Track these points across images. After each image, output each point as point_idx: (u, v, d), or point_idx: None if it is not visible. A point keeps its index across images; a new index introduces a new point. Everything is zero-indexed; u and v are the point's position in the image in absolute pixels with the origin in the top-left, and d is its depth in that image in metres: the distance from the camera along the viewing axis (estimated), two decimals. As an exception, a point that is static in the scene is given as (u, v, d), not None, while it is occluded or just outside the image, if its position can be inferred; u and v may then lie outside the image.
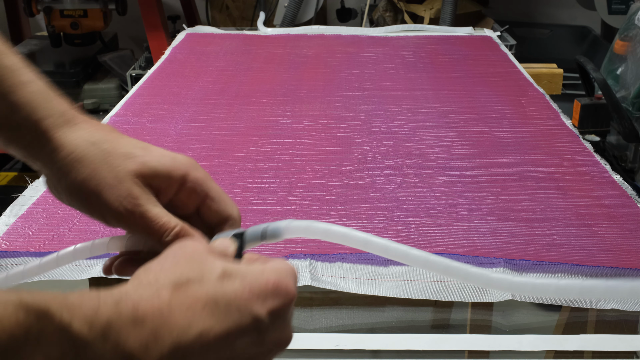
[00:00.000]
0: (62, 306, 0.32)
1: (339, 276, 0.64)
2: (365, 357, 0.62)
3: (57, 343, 0.30)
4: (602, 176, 0.85)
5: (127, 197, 0.45)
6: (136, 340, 0.34)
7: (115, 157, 0.46)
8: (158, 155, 0.47)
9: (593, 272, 0.64)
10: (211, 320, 0.37)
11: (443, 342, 0.59)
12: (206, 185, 0.49)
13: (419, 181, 0.84)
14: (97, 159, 0.46)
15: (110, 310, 0.34)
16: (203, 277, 0.38)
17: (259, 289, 0.39)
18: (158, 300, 0.36)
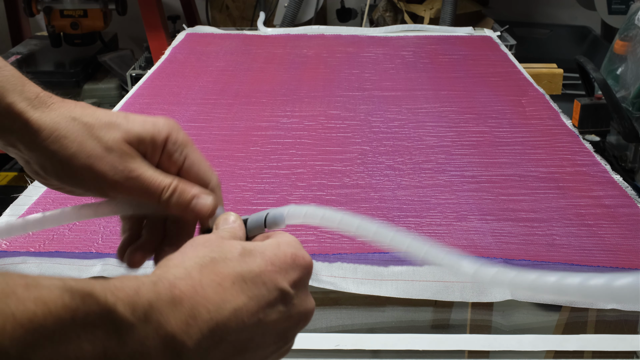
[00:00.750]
0: (105, 289, 0.31)
1: (339, 276, 0.64)
2: (365, 357, 0.62)
3: (101, 325, 0.30)
4: (602, 176, 0.85)
5: (121, 164, 0.45)
6: (177, 321, 0.34)
7: (99, 129, 0.46)
8: (140, 122, 0.47)
9: (593, 272, 0.64)
10: (242, 296, 0.37)
11: (443, 342, 0.59)
12: (187, 149, 0.49)
13: (419, 181, 0.84)
14: (81, 133, 0.46)
15: (149, 291, 0.34)
16: (226, 256, 0.38)
17: (279, 262, 0.40)
18: (191, 279, 0.36)
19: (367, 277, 0.64)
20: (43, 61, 2.34)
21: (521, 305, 0.67)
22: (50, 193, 0.80)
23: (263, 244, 0.41)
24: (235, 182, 0.84)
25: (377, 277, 0.64)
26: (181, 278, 0.36)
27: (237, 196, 0.80)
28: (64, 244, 0.69)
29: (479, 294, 0.63)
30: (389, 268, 0.65)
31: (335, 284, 0.64)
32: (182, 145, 0.48)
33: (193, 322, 0.34)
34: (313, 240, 0.70)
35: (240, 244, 0.40)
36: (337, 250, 0.67)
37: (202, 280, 0.36)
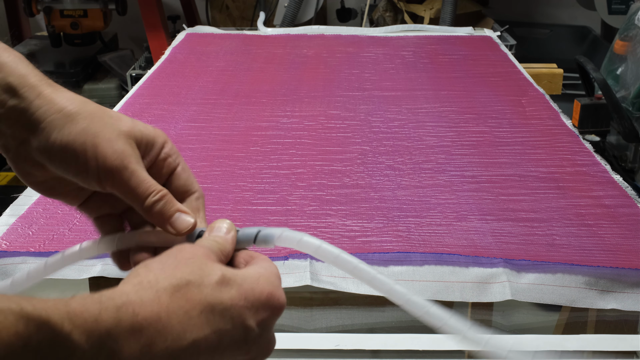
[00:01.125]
0: (63, 315, 0.31)
1: (339, 276, 0.64)
2: (365, 357, 0.61)
3: (53, 354, 0.30)
4: (602, 176, 0.85)
5: (122, 153, 0.45)
6: (130, 350, 0.34)
7: (109, 116, 0.47)
8: (142, 123, 0.49)
9: (593, 272, 0.64)
10: (206, 328, 0.37)
11: (443, 342, 0.59)
12: (178, 157, 0.50)
13: (419, 181, 0.84)
14: (93, 114, 0.47)
15: (110, 318, 0.34)
16: (202, 281, 0.38)
17: (253, 298, 0.39)
18: (157, 305, 0.36)
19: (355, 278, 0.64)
20: (43, 61, 2.34)
21: (521, 305, 0.67)
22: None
23: (243, 274, 0.40)
24: (235, 182, 0.84)
25: None
26: (147, 303, 0.36)
27: (237, 196, 0.80)
28: (64, 244, 0.69)
29: (479, 294, 0.63)
30: (389, 268, 0.65)
31: (335, 284, 0.64)
32: (176, 153, 0.50)
33: (147, 351, 0.35)
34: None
35: (221, 269, 0.40)
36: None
37: (170, 306, 0.36)
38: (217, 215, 0.75)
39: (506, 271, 0.64)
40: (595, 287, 0.63)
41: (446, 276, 0.64)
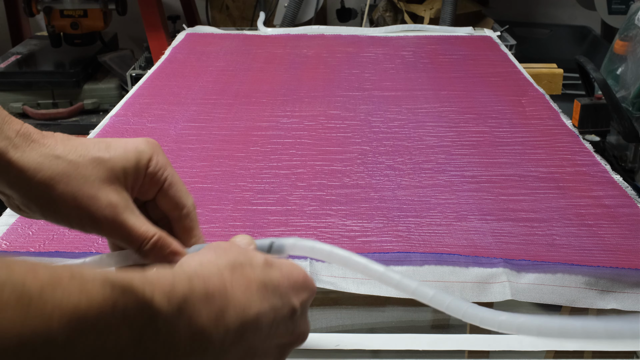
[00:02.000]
0: (144, 281, 0.33)
1: (339, 276, 0.64)
2: (365, 357, 0.61)
3: (139, 316, 0.32)
4: (602, 176, 0.85)
5: (107, 207, 0.46)
6: (208, 315, 0.36)
7: (85, 167, 0.46)
8: (122, 151, 0.48)
9: (593, 272, 0.64)
10: (265, 303, 0.39)
11: (443, 342, 0.59)
12: (167, 170, 0.50)
13: (419, 181, 0.84)
14: (66, 174, 0.45)
15: (185, 285, 0.35)
16: (252, 262, 0.41)
17: (295, 280, 0.42)
18: (222, 278, 0.38)
19: (367, 277, 0.64)
20: (43, 61, 2.34)
21: (521, 305, 0.67)
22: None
23: (281, 261, 0.43)
24: (235, 182, 0.84)
25: None
26: (214, 276, 0.38)
27: (237, 196, 0.80)
28: (64, 243, 0.69)
29: (479, 294, 0.63)
30: (389, 268, 0.64)
31: (335, 284, 0.64)
32: (163, 167, 0.49)
33: (221, 319, 0.36)
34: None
35: (262, 254, 0.43)
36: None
37: (233, 280, 0.38)
38: (217, 216, 0.75)
39: (506, 271, 0.64)
40: (595, 287, 0.63)
41: (446, 276, 0.64)
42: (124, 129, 1.01)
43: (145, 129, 1.01)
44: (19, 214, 0.49)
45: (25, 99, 2.17)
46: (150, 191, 0.50)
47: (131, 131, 1.00)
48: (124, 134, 0.99)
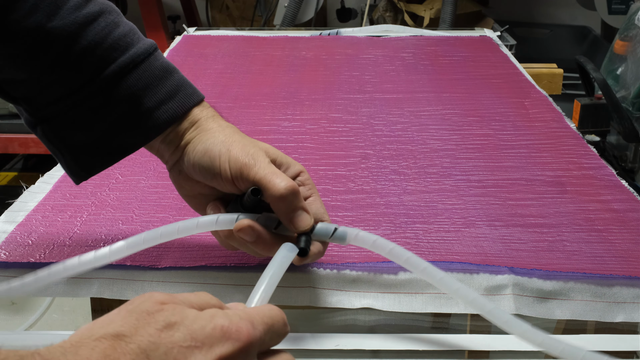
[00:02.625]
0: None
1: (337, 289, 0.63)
2: (365, 357, 0.61)
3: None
4: (609, 179, 0.84)
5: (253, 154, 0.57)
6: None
7: (246, 137, 0.61)
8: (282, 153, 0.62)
9: (605, 281, 0.63)
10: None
11: (443, 342, 0.58)
12: (313, 189, 0.62)
13: (425, 186, 0.82)
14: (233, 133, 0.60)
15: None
16: (137, 331, 0.37)
17: (203, 336, 0.38)
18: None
19: (370, 290, 0.63)
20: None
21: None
22: (49, 200, 0.79)
23: (196, 316, 0.39)
24: (237, 188, 0.82)
25: (379, 290, 0.63)
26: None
27: (240, 202, 0.79)
28: (65, 254, 0.67)
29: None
30: (399, 275, 0.63)
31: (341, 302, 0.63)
32: (312, 184, 0.61)
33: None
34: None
35: (169, 317, 0.38)
36: (343, 260, 0.66)
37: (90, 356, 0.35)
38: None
39: (516, 279, 0.63)
40: (608, 298, 0.62)
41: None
42: (123, 133, 0.99)
43: (145, 133, 0.99)
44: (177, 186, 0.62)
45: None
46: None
47: (130, 135, 0.98)
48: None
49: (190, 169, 0.59)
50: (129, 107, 0.58)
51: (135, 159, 0.90)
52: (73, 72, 0.57)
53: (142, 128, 0.59)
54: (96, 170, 0.62)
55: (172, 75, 0.61)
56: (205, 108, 0.62)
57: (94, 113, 0.58)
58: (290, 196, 0.55)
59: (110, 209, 0.77)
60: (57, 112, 0.58)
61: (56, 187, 0.82)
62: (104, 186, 0.82)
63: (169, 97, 0.59)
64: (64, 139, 0.59)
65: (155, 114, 0.59)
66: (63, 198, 0.79)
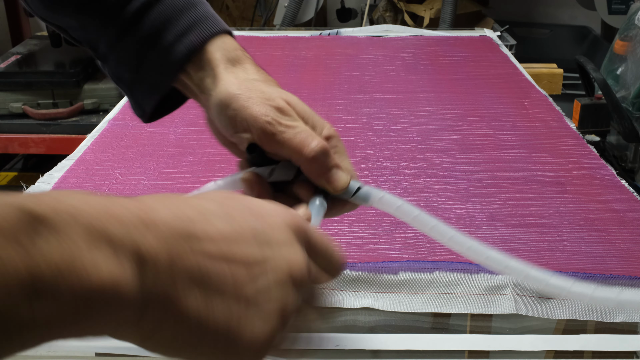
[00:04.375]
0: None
1: (339, 289, 0.64)
2: (365, 357, 0.61)
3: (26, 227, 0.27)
4: (609, 179, 0.84)
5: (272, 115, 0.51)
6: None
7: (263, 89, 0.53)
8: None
9: (605, 281, 0.63)
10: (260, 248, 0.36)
11: (443, 342, 0.59)
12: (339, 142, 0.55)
13: (425, 186, 0.82)
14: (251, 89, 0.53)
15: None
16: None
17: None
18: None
19: (370, 290, 0.63)
20: (43, 61, 2.32)
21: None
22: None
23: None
24: (238, 188, 0.82)
25: (380, 290, 0.63)
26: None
27: (240, 202, 0.79)
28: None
29: (484, 307, 0.62)
30: (399, 275, 0.63)
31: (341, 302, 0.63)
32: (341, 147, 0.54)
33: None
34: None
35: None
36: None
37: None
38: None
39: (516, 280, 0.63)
40: None
41: (453, 286, 0.63)
42: (122, 133, 0.99)
43: (145, 133, 0.99)
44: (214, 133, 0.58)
45: (25, 99, 2.15)
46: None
47: (130, 135, 0.98)
48: (122, 138, 0.97)
49: (215, 123, 0.56)
50: (151, 44, 0.57)
51: (135, 159, 0.90)
52: (103, 14, 0.58)
53: (163, 64, 0.57)
54: (148, 108, 0.61)
55: (195, 7, 0.57)
56: (226, 49, 0.56)
57: (127, 53, 0.59)
58: (322, 157, 0.50)
59: (111, 208, 0.77)
60: (106, 52, 0.61)
61: (56, 187, 0.82)
62: (104, 186, 0.82)
63: (188, 30, 0.56)
64: (119, 77, 0.62)
65: (174, 48, 0.56)
66: (63, 198, 0.79)
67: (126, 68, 0.60)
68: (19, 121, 2.04)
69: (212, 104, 0.55)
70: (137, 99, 0.61)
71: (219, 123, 0.55)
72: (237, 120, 0.51)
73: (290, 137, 0.50)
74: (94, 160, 0.90)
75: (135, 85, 0.60)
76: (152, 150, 0.93)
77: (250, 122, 0.50)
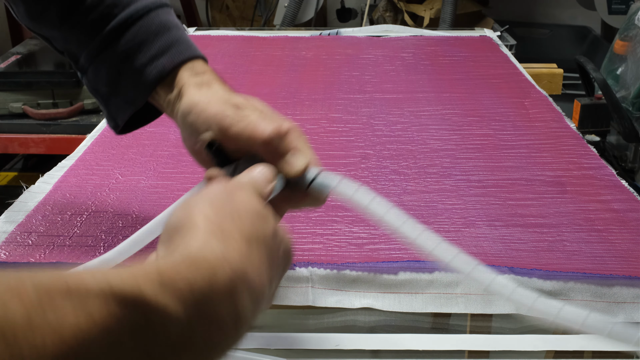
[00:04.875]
0: (156, 288, 0.30)
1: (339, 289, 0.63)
2: (365, 357, 0.61)
3: (150, 328, 0.29)
4: (609, 179, 0.84)
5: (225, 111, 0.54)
6: (227, 309, 0.34)
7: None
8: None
9: (606, 281, 0.63)
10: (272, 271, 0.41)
11: (443, 342, 0.59)
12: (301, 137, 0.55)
13: (425, 186, 0.82)
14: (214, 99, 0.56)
15: (205, 283, 0.33)
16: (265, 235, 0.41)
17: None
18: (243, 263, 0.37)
19: (370, 290, 0.63)
20: (43, 61, 2.32)
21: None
22: (49, 200, 0.79)
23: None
24: (237, 188, 0.82)
25: (380, 290, 0.63)
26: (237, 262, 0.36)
27: (240, 202, 0.79)
28: (65, 253, 0.67)
29: (484, 307, 0.62)
30: (399, 275, 0.63)
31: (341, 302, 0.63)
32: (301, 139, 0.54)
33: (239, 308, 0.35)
34: (320, 248, 0.68)
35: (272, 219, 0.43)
36: (343, 260, 0.66)
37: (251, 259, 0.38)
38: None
39: (516, 279, 0.63)
40: (608, 297, 0.62)
41: (452, 286, 0.63)
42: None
43: (145, 133, 0.99)
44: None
45: (25, 99, 2.14)
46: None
47: (130, 135, 0.98)
48: (122, 138, 0.97)
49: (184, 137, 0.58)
50: (126, 62, 0.60)
51: (135, 159, 0.90)
52: (83, 29, 0.61)
53: (137, 83, 0.59)
54: (120, 120, 0.63)
55: (169, 31, 0.60)
56: (195, 73, 0.59)
57: (104, 67, 0.61)
58: (276, 139, 0.51)
59: (110, 209, 0.77)
60: (85, 65, 0.63)
61: (56, 187, 0.82)
62: (104, 186, 0.82)
63: (161, 53, 0.59)
64: (97, 90, 0.64)
65: (146, 69, 0.59)
66: (63, 198, 0.79)
67: (103, 82, 0.62)
68: (19, 121, 2.03)
69: (178, 120, 0.57)
70: (111, 112, 0.64)
71: (183, 133, 0.57)
72: (198, 124, 0.54)
73: (245, 125, 0.52)
74: (94, 160, 0.90)
75: (110, 98, 0.63)
76: (152, 150, 0.93)
77: (209, 122, 0.53)
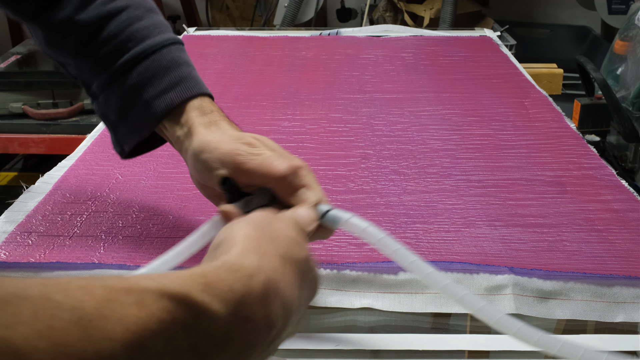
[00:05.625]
0: (201, 289, 0.34)
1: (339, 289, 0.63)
2: (365, 357, 0.61)
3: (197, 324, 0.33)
4: (609, 179, 0.84)
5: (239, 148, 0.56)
6: (262, 314, 0.37)
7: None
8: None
9: (605, 281, 0.63)
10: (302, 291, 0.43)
11: (443, 342, 0.59)
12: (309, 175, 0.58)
13: (425, 186, 0.82)
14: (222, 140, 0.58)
15: (242, 287, 0.37)
16: (299, 256, 0.44)
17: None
18: (277, 275, 0.40)
19: (370, 290, 0.63)
20: (43, 61, 2.32)
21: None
22: (49, 200, 0.79)
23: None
24: (237, 188, 0.82)
25: (380, 290, 0.63)
26: (271, 271, 0.40)
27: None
28: (64, 253, 0.67)
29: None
30: (399, 275, 0.63)
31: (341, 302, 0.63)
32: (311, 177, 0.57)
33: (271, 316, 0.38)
34: (320, 248, 0.68)
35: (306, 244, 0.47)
36: (343, 260, 0.66)
37: (285, 275, 0.41)
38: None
39: (516, 279, 0.63)
40: (608, 297, 0.62)
41: None
42: (123, 133, 0.99)
43: (145, 133, 0.99)
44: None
45: (25, 99, 2.15)
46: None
47: (131, 135, 0.98)
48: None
49: (194, 174, 0.60)
50: (136, 94, 0.62)
51: (135, 159, 0.90)
52: (97, 60, 0.64)
53: (145, 114, 0.62)
54: (127, 147, 0.66)
55: (180, 67, 0.63)
56: (202, 111, 0.61)
57: (114, 97, 0.64)
58: (291, 176, 0.54)
59: (110, 209, 0.77)
60: (96, 92, 0.65)
61: (56, 187, 0.82)
62: (104, 186, 0.82)
63: (169, 88, 0.62)
64: (106, 116, 0.66)
65: (155, 102, 0.61)
66: (63, 198, 0.79)
67: (113, 110, 0.65)
68: (19, 121, 2.03)
69: (188, 157, 0.59)
70: (118, 138, 0.66)
71: (194, 171, 0.59)
72: (211, 161, 0.56)
73: (260, 162, 0.54)
74: (94, 160, 0.90)
75: (118, 126, 0.65)
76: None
77: (223, 159, 0.55)
